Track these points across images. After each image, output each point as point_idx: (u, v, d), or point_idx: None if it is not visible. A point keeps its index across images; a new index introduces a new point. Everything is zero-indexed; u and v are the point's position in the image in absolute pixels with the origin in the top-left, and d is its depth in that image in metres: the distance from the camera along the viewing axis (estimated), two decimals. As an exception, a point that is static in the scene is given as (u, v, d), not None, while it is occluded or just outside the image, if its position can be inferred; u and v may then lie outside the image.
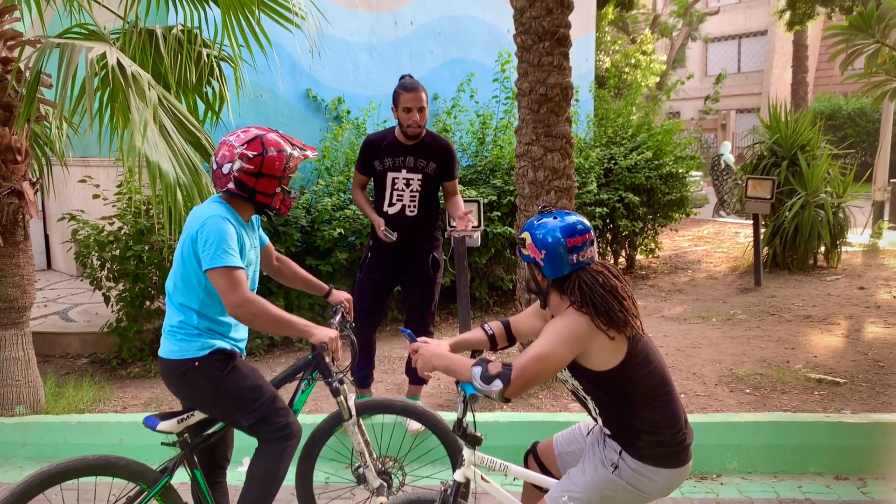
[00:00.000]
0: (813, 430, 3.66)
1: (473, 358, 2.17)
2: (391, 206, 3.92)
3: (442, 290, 4.23)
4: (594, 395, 2.16)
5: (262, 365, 5.22)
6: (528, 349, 2.06)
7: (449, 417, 2.93)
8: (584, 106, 8.96)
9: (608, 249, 8.02)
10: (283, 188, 2.53)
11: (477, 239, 4.65)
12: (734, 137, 22.94)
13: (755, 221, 7.31)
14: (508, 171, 6.52)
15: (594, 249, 2.17)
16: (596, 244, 2.19)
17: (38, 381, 4.37)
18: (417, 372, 2.29)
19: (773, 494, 3.43)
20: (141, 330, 5.24)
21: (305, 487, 2.91)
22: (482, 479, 2.28)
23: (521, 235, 2.22)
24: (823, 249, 7.95)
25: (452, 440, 2.82)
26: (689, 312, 6.39)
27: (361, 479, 2.83)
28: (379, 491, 2.81)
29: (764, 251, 7.78)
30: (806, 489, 3.47)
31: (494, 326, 2.48)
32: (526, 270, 2.27)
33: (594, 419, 2.25)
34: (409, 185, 3.90)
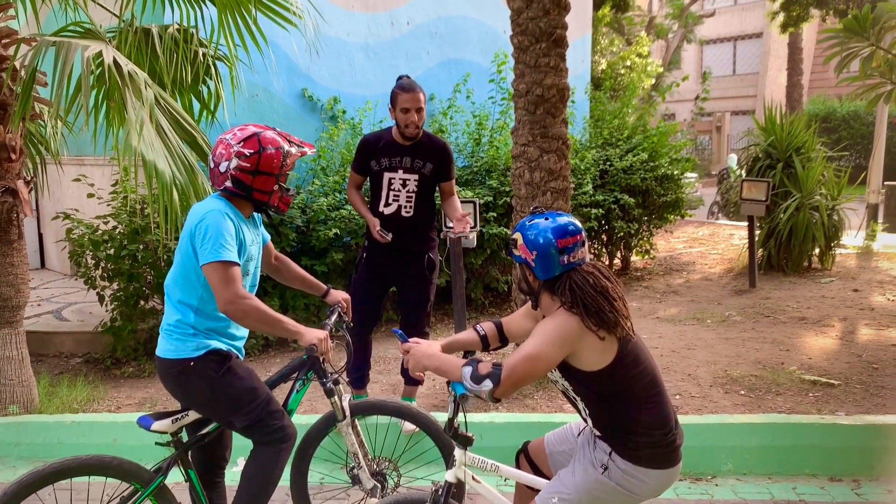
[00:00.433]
0: (807, 431, 3.68)
1: (465, 358, 2.17)
2: (387, 206, 3.92)
3: (437, 290, 4.22)
4: (584, 395, 2.17)
5: (256, 365, 5.21)
6: (518, 349, 2.07)
7: (443, 418, 2.92)
8: (580, 107, 8.98)
9: (603, 251, 8.03)
10: (280, 186, 2.52)
11: (473, 240, 4.65)
12: (729, 139, 22.99)
13: (750, 223, 7.33)
14: (504, 171, 6.53)
15: (585, 250, 2.17)
16: (587, 245, 2.20)
17: (31, 380, 4.35)
18: (409, 372, 2.28)
19: (767, 496, 3.44)
20: (135, 329, 5.22)
21: (300, 488, 2.90)
22: (473, 479, 2.28)
23: (512, 236, 2.23)
24: (818, 251, 7.98)
25: (446, 441, 2.81)
26: (683, 314, 6.40)
27: (356, 479, 2.83)
28: (372, 492, 2.80)
29: (759, 253, 7.79)
30: (800, 490, 3.48)
31: (487, 327, 2.48)
32: (518, 271, 2.28)
33: (584, 420, 2.26)
34: (405, 185, 3.89)
